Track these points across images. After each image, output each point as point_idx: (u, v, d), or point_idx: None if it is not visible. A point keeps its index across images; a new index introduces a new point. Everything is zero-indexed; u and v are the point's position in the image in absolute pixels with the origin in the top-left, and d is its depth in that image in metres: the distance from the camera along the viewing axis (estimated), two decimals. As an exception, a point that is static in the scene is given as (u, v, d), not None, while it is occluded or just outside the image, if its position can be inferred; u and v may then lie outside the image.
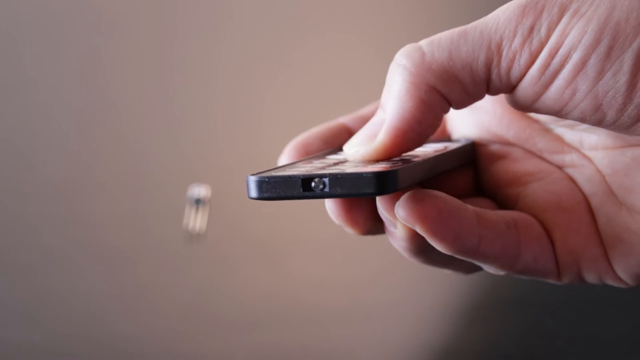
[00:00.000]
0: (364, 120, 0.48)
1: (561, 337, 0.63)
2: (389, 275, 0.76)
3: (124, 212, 0.94)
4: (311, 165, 0.43)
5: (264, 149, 1.07)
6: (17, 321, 0.69)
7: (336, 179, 0.39)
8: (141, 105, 1.23)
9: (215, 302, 0.72)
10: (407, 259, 0.46)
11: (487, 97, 0.47)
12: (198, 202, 0.87)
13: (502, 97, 0.47)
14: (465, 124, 0.50)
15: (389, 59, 0.44)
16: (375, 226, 0.45)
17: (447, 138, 0.51)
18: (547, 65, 0.41)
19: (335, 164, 0.43)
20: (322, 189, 0.40)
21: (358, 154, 0.43)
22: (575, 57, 0.40)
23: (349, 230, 0.46)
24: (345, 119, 0.51)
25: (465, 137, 0.49)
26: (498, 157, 0.48)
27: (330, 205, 0.45)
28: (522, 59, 0.41)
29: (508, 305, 0.69)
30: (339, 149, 0.48)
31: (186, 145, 1.11)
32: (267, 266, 0.78)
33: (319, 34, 1.35)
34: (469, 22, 0.43)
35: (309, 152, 0.49)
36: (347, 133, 0.50)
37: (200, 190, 0.88)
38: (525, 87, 0.42)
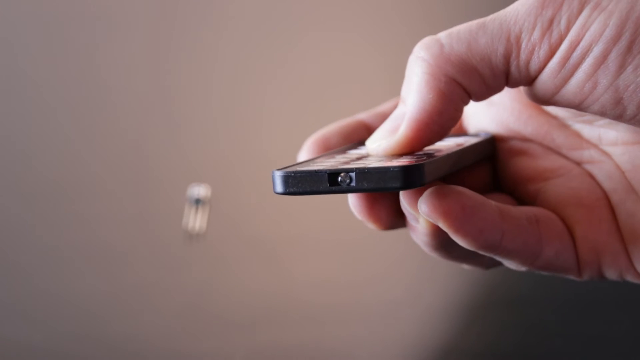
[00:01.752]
0: (383, 116, 0.48)
1: (561, 336, 0.63)
2: (389, 274, 0.76)
3: (124, 212, 0.94)
4: (334, 159, 0.43)
5: (264, 149, 1.07)
6: (17, 321, 0.69)
7: (363, 173, 0.39)
8: (141, 105, 1.23)
9: (214, 302, 0.72)
10: (407, 259, 0.46)
11: (505, 92, 0.47)
12: (198, 202, 0.87)
13: (519, 93, 0.47)
14: (483, 119, 0.50)
15: (390, 56, 0.44)
16: (397, 221, 0.45)
17: (465, 133, 0.51)
18: (567, 58, 0.41)
19: (359, 158, 0.43)
20: (348, 184, 0.39)
21: (380, 147, 0.43)
22: (596, 51, 0.40)
23: (371, 226, 0.46)
24: (363, 115, 0.51)
25: (484, 131, 0.49)
26: (517, 153, 0.48)
27: (353, 201, 0.45)
28: (542, 51, 0.41)
29: (508, 305, 0.69)
30: (359, 143, 0.48)
31: (186, 145, 1.11)
32: (266, 266, 0.78)
33: (318, 32, 1.35)
34: (469, 20, 0.43)
35: (329, 148, 0.49)
36: (365, 129, 0.50)
37: (200, 190, 0.88)
38: (545, 80, 0.42)
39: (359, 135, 0.49)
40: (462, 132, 0.51)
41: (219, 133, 1.16)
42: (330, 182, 0.40)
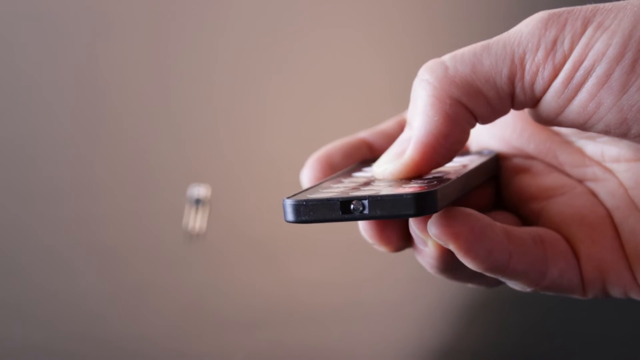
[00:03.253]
0: (384, 134, 0.48)
1: (561, 336, 0.63)
2: (389, 275, 0.76)
3: (124, 212, 0.94)
4: (343, 185, 0.43)
5: (264, 149, 1.07)
6: (17, 321, 0.69)
7: (376, 201, 0.39)
8: (141, 105, 1.23)
9: (214, 302, 0.72)
10: (407, 259, 0.47)
11: None
12: (198, 202, 0.87)
13: (522, 112, 0.47)
14: (486, 137, 0.50)
15: (391, 59, 0.44)
16: (406, 244, 0.45)
17: (467, 151, 0.50)
18: (570, 78, 0.41)
19: (366, 182, 0.43)
20: (361, 211, 0.39)
21: (387, 171, 0.43)
22: (599, 70, 0.40)
23: (381, 249, 0.46)
24: (365, 134, 0.51)
25: (487, 149, 0.49)
26: (519, 170, 0.48)
27: (364, 226, 0.45)
28: (546, 72, 0.41)
29: (508, 305, 0.68)
30: (362, 164, 0.48)
31: (186, 145, 1.11)
32: (266, 266, 0.78)
33: (319, 33, 1.35)
34: (471, 24, 0.43)
35: (331, 165, 0.49)
36: (367, 147, 0.50)
37: (200, 190, 0.88)
38: (549, 101, 0.41)
39: (361, 153, 0.49)
40: (465, 150, 0.51)
41: (219, 133, 1.16)
42: (342, 210, 0.40)
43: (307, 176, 0.48)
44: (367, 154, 0.47)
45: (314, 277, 0.76)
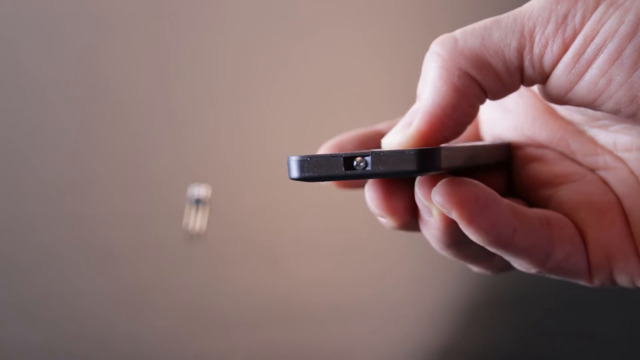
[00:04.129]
0: None
1: (561, 336, 0.63)
2: (389, 275, 0.76)
3: (124, 212, 0.94)
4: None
5: (264, 149, 1.07)
6: (17, 321, 0.69)
7: (378, 156, 0.39)
8: (141, 105, 1.23)
9: (215, 302, 0.72)
10: (407, 259, 0.46)
11: (520, 99, 0.47)
12: (198, 202, 0.87)
13: (535, 100, 0.47)
14: (499, 126, 0.50)
15: (392, 59, 0.44)
16: (412, 219, 0.45)
17: (480, 140, 0.51)
18: (581, 53, 0.41)
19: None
20: (364, 168, 0.39)
21: (395, 141, 0.43)
22: (611, 47, 0.40)
23: (387, 221, 0.45)
24: (381, 126, 0.51)
25: (500, 139, 0.49)
26: (531, 159, 0.48)
27: (370, 194, 0.45)
28: (555, 46, 0.41)
29: (508, 305, 0.69)
30: (376, 147, 0.48)
31: (186, 145, 1.11)
32: (266, 266, 0.78)
33: (320, 33, 1.35)
34: (473, 22, 0.43)
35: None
36: (381, 137, 0.50)
37: (200, 190, 0.88)
38: (559, 76, 0.41)
39: (375, 143, 0.49)
40: (479, 140, 0.51)
41: (219, 133, 1.16)
42: (345, 166, 0.40)
43: None
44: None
45: (314, 276, 0.76)
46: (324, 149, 0.49)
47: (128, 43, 1.35)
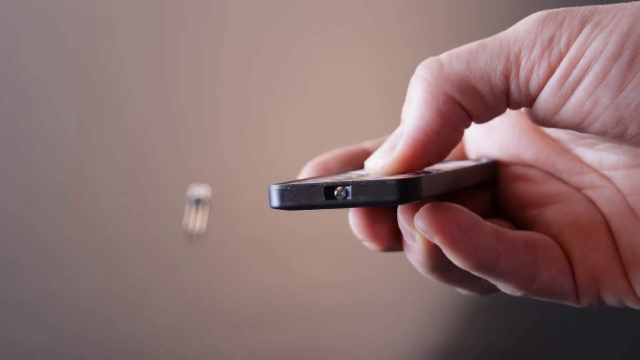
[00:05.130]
0: None
1: (561, 336, 0.63)
2: (389, 274, 0.76)
3: (124, 212, 0.94)
4: (333, 177, 0.43)
5: (264, 150, 1.07)
6: (17, 321, 0.69)
7: (359, 186, 0.39)
8: (141, 105, 1.23)
9: (215, 302, 0.72)
10: (407, 259, 0.46)
11: (506, 117, 0.47)
12: (198, 202, 0.87)
13: (520, 118, 0.47)
14: (484, 145, 0.49)
15: (392, 61, 0.44)
16: (396, 243, 0.45)
17: (466, 159, 0.50)
18: (566, 75, 0.40)
19: (357, 176, 0.43)
20: (344, 197, 0.39)
21: (377, 165, 0.43)
22: (596, 68, 0.40)
23: (371, 246, 0.45)
24: (368, 144, 0.50)
25: (486, 157, 0.49)
26: (516, 178, 0.48)
27: (353, 220, 0.45)
28: (541, 70, 0.41)
29: (508, 305, 0.69)
30: (359, 167, 0.48)
31: (186, 145, 1.11)
32: (266, 266, 0.78)
33: (321, 34, 1.35)
34: (471, 25, 0.43)
35: (328, 171, 0.48)
36: (366, 156, 0.49)
37: (200, 190, 0.88)
38: (545, 99, 0.41)
39: (360, 162, 0.49)
40: (464, 158, 0.51)
41: (219, 133, 1.16)
42: (326, 196, 0.39)
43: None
44: None
45: (314, 276, 0.76)
46: (307, 169, 0.48)
47: (128, 43, 1.35)
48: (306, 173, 0.48)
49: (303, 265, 0.79)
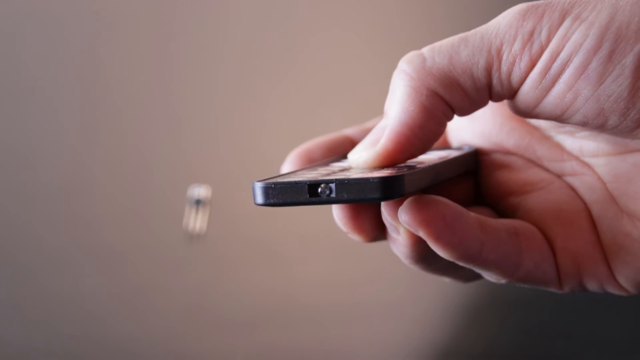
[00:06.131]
0: (368, 131, 0.48)
1: (561, 337, 0.63)
2: (389, 275, 0.76)
3: (124, 212, 0.94)
4: (316, 172, 0.43)
5: (264, 150, 1.08)
6: (17, 321, 0.69)
7: (342, 184, 0.39)
8: (141, 106, 1.23)
9: (215, 302, 0.72)
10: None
11: (487, 106, 0.47)
12: (198, 202, 0.87)
13: (502, 106, 0.47)
14: (466, 133, 0.50)
15: (391, 61, 0.44)
16: (380, 234, 0.45)
17: (448, 147, 0.51)
18: (547, 68, 0.41)
19: (340, 170, 0.43)
20: (328, 195, 0.39)
21: (361, 159, 0.43)
22: (577, 61, 0.40)
23: (355, 237, 0.45)
24: (349, 131, 0.51)
25: (467, 145, 0.49)
26: (498, 166, 0.48)
27: (337, 213, 0.45)
28: (523, 63, 0.41)
29: (508, 305, 0.69)
30: (342, 157, 0.48)
31: (186, 145, 1.11)
32: (266, 266, 0.78)
33: (320, 36, 1.35)
34: (471, 25, 0.43)
35: (312, 161, 0.49)
36: (350, 144, 0.50)
37: (200, 191, 0.88)
38: (527, 92, 0.42)
39: (343, 149, 0.49)
40: (446, 146, 0.51)
41: (219, 134, 1.16)
42: (310, 193, 0.40)
43: (287, 170, 0.49)
44: (350, 150, 0.47)
45: (314, 277, 0.76)
46: (291, 158, 0.49)
47: (128, 44, 1.35)
48: (290, 163, 0.49)
49: (303, 266, 0.79)
